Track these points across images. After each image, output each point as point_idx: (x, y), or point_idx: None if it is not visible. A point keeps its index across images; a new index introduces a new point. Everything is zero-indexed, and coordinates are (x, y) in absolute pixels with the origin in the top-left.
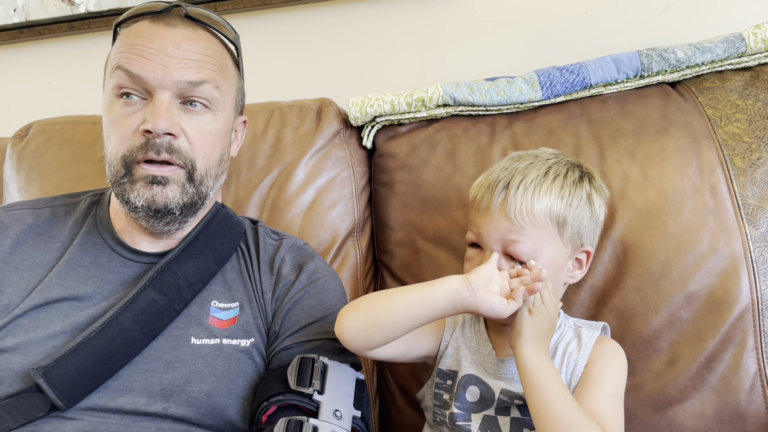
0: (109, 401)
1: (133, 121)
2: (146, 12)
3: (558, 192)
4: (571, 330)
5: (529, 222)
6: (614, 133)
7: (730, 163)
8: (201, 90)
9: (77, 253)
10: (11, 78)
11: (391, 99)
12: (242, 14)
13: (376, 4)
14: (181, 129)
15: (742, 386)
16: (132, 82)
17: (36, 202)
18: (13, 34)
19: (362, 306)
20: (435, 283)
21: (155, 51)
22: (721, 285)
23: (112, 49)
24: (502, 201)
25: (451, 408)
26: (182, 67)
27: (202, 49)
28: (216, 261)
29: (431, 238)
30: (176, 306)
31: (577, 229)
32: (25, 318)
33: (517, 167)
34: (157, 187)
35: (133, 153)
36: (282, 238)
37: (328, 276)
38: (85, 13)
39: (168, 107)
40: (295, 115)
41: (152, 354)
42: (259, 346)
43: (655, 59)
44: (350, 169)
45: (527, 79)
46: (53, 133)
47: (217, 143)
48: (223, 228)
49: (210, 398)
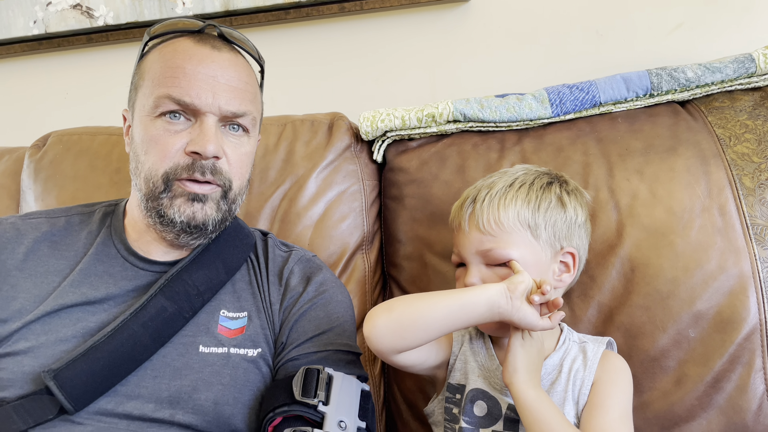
0: (117, 406)
1: (177, 140)
2: (186, 29)
3: (524, 198)
4: (576, 345)
5: (497, 230)
6: (623, 151)
7: (739, 183)
8: (242, 119)
9: (91, 262)
10: (30, 89)
11: (402, 114)
12: (257, 29)
13: (389, 21)
14: (223, 151)
15: (750, 407)
16: (180, 105)
17: (52, 211)
18: (33, 45)
19: (397, 308)
20: (474, 290)
21: (205, 76)
22: (729, 305)
23: (150, 64)
24: (470, 214)
25: (459, 422)
26: (229, 95)
27: (245, 77)
28: (226, 271)
29: (440, 253)
30: (185, 314)
31: (552, 231)
32: (38, 323)
33: (485, 183)
34: (197, 204)
35: (178, 171)
36: (291, 249)
37: (336, 288)
38: (103, 26)
39: (215, 131)
40: (307, 128)
41: (161, 361)
42: (266, 356)
43: (665, 78)
44: (360, 182)
45: (537, 96)
46: (70, 144)
47: (250, 165)
48: (233, 238)
49: (216, 406)
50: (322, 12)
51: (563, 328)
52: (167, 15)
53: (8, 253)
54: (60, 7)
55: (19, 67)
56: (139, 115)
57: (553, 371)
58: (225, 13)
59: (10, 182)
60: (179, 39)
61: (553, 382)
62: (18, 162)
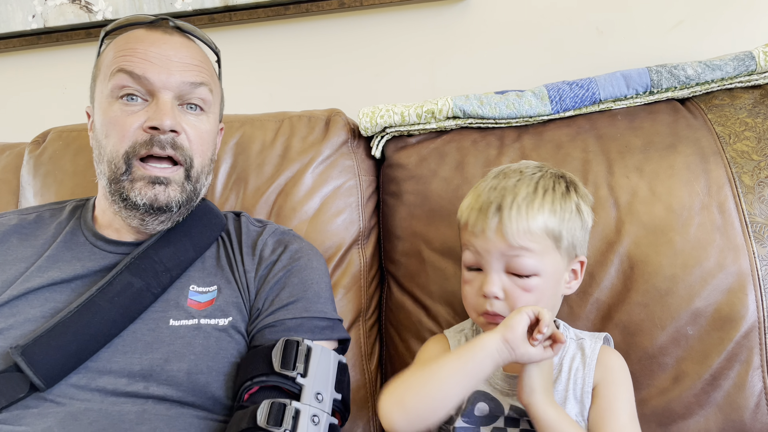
0: (89, 382)
1: (135, 119)
2: (138, 22)
3: (550, 207)
4: (574, 342)
5: (527, 240)
6: (623, 149)
7: (738, 180)
8: (199, 92)
9: (59, 249)
10: (29, 83)
11: (402, 110)
12: (255, 24)
13: (389, 17)
14: (182, 127)
15: (747, 404)
16: (135, 83)
17: (24, 209)
18: (32, 40)
19: (409, 400)
20: (475, 352)
21: (157, 54)
22: (728, 302)
23: (105, 55)
24: (497, 224)
25: (455, 422)
26: (183, 69)
27: (198, 56)
28: (194, 248)
29: (438, 249)
30: (153, 290)
31: (571, 241)
32: (5, 307)
33: (506, 186)
34: (159, 186)
35: (136, 148)
36: (265, 224)
37: (312, 254)
38: (102, 20)
39: (172, 107)
40: (304, 124)
41: (131, 336)
42: (237, 324)
43: (665, 76)
44: (357, 178)
45: (537, 93)
46: (70, 140)
47: (210, 143)
48: (201, 218)
49: (190, 376)
50: (322, 8)
51: (559, 324)
52: (166, 10)
53: None
54: (59, 1)
55: (18, 62)
56: (99, 103)
57: (553, 370)
58: (224, 9)
59: (11, 177)
60: (133, 30)
61: (553, 381)
62: (18, 157)
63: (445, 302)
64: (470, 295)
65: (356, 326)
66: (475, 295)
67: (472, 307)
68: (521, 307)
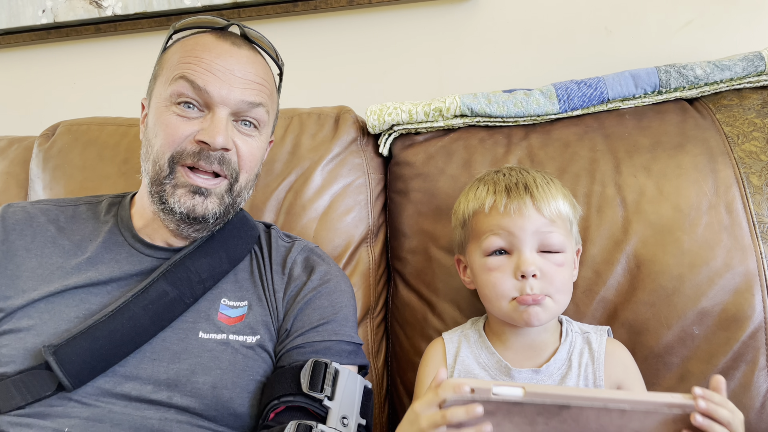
0: (115, 386)
1: (188, 127)
2: (209, 26)
3: (563, 192)
4: (579, 336)
5: (557, 215)
6: (630, 148)
7: (746, 181)
8: (255, 112)
9: (100, 251)
10: (39, 78)
11: (409, 108)
12: (265, 21)
13: (397, 15)
14: (233, 143)
15: (753, 404)
16: (195, 94)
17: (61, 200)
18: (41, 34)
19: None
20: None
21: (221, 68)
22: (734, 302)
23: (170, 54)
24: (530, 199)
25: None
26: (244, 87)
27: (262, 73)
28: (229, 260)
29: (445, 247)
30: (186, 299)
31: (576, 228)
32: (42, 302)
33: (518, 175)
34: (198, 197)
35: (183, 156)
36: (294, 240)
37: (339, 278)
38: (111, 16)
39: (226, 124)
40: (314, 121)
41: (160, 344)
42: (265, 343)
43: (674, 75)
44: (366, 175)
45: (545, 91)
46: (79, 134)
47: (259, 160)
48: (238, 230)
49: (215, 390)
50: (331, 5)
51: (562, 320)
52: (176, 6)
53: (17, 234)
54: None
55: (28, 56)
56: (155, 103)
57: (563, 366)
58: (233, 5)
59: (19, 170)
60: (202, 34)
61: (563, 376)
62: (27, 151)
63: (450, 300)
64: (501, 280)
65: (364, 324)
66: (508, 279)
67: (502, 293)
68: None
